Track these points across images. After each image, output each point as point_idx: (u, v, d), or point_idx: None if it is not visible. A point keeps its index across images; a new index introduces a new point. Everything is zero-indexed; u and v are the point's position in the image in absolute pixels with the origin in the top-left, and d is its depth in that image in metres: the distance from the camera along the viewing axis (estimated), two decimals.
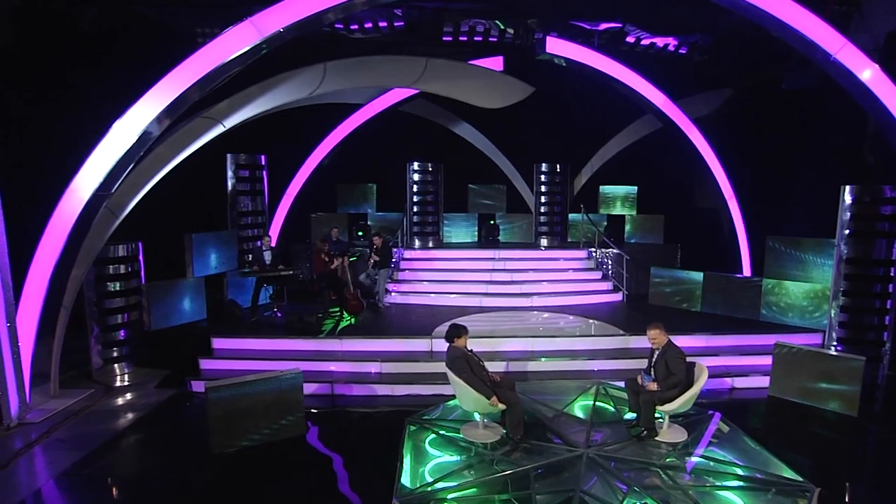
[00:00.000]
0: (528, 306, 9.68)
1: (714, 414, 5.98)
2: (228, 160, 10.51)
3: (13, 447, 5.73)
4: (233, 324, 8.77)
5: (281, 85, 7.65)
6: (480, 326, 8.32)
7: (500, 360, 7.39)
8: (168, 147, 7.30)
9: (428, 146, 12.73)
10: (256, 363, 7.32)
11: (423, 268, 10.92)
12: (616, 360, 7.64)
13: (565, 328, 8.54)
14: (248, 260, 9.85)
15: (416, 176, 12.10)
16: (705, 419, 5.89)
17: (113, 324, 7.77)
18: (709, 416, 5.93)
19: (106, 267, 7.69)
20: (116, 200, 6.94)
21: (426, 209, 12.14)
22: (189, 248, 9.15)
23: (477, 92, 9.07)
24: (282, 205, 12.01)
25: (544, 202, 12.50)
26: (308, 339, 7.86)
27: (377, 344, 7.80)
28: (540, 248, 12.17)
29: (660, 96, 10.85)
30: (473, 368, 5.47)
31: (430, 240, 12.21)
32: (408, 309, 9.53)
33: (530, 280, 10.37)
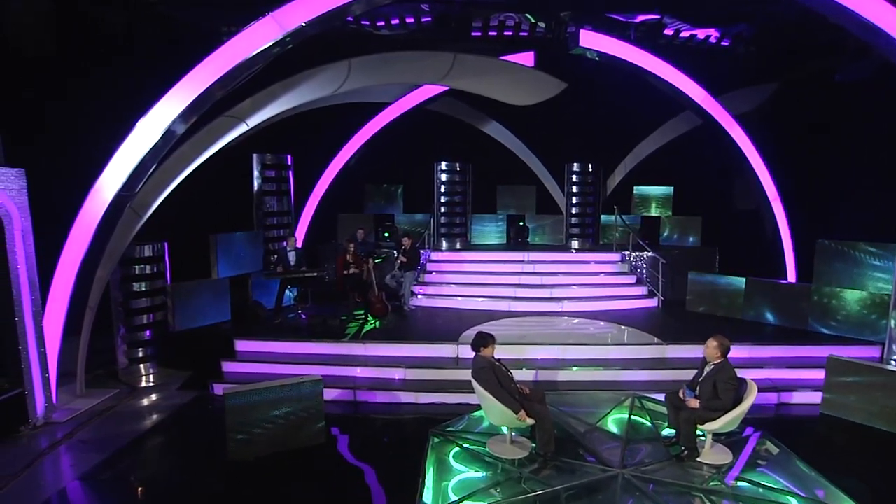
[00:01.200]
0: (558, 311, 9.43)
1: (760, 433, 5.52)
2: (254, 160, 10.45)
3: (37, 447, 5.77)
4: (256, 326, 8.75)
5: (304, 83, 7.54)
6: (508, 332, 8.15)
7: (528, 369, 7.15)
8: (191, 147, 7.28)
9: (456, 146, 12.62)
10: (279, 367, 7.27)
11: (451, 270, 10.79)
12: (652, 370, 7.28)
13: (597, 335, 8.26)
14: (274, 261, 9.80)
15: (444, 176, 12.02)
16: (752, 439, 5.44)
17: (138, 324, 7.80)
18: (756, 436, 5.48)
19: (132, 267, 7.72)
20: (140, 200, 6.94)
21: (454, 210, 12.07)
22: (214, 248, 9.13)
23: (507, 88, 8.83)
24: (308, 205, 11.96)
25: (576, 203, 12.26)
26: (331, 343, 7.76)
27: (402, 349, 7.65)
28: (571, 250, 11.91)
29: (699, 91, 10.32)
30: (501, 380, 5.21)
31: (457, 241, 12.11)
32: (434, 312, 9.41)
33: (561, 284, 10.17)
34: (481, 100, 9.80)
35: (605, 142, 12.89)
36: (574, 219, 12.27)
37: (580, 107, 11.90)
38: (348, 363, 7.34)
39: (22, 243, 5.93)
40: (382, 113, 11.91)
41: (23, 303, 5.96)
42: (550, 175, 13.62)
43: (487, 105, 11.52)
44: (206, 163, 7.93)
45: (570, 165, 12.29)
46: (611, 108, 12.29)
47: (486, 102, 9.98)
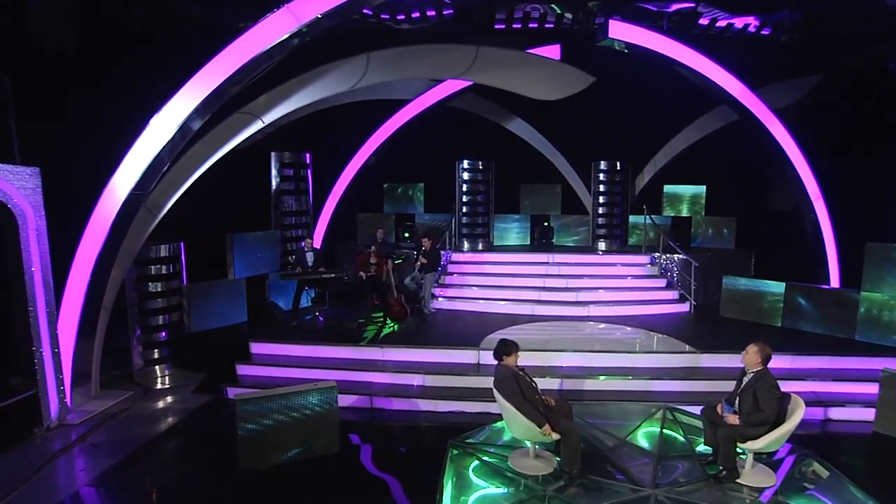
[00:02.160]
0: (584, 316, 9.18)
1: (806, 453, 5.15)
2: (272, 159, 10.40)
3: (50, 450, 5.76)
4: (272, 328, 8.70)
5: (321, 78, 7.41)
6: (532, 337, 7.99)
7: (553, 377, 6.93)
8: (205, 145, 7.21)
9: (478, 143, 12.49)
10: (294, 370, 7.23)
11: (472, 272, 10.63)
12: (684, 380, 6.98)
13: (626, 342, 7.98)
14: (291, 261, 9.77)
15: (466, 175, 11.91)
16: (798, 459, 5.08)
17: (154, 325, 7.82)
18: (802, 456, 5.10)
19: (147, 267, 7.74)
20: (154, 200, 6.91)
21: (476, 210, 11.95)
22: (230, 248, 9.11)
23: (532, 83, 8.60)
24: (327, 205, 11.93)
25: (603, 203, 12.03)
26: (348, 347, 7.66)
27: (420, 354, 7.50)
28: (597, 252, 11.66)
29: (736, 85, 9.87)
30: (524, 391, 4.97)
31: (479, 242, 11.98)
32: (454, 316, 9.26)
33: (587, 287, 9.94)
34: (505, 96, 9.56)
35: (633, 139, 12.58)
36: (601, 219, 12.06)
37: (608, 102, 11.66)
38: (365, 368, 7.25)
39: (36, 243, 5.93)
40: (403, 110, 11.82)
41: (37, 303, 5.96)
42: (576, 174, 13.36)
43: (511, 101, 11.35)
44: (224, 161, 7.89)
45: (596, 163, 12.07)
46: (640, 104, 12.01)
47: (510, 98, 9.71)
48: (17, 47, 7.75)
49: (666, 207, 12.85)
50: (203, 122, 6.55)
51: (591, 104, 10.69)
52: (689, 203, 12.71)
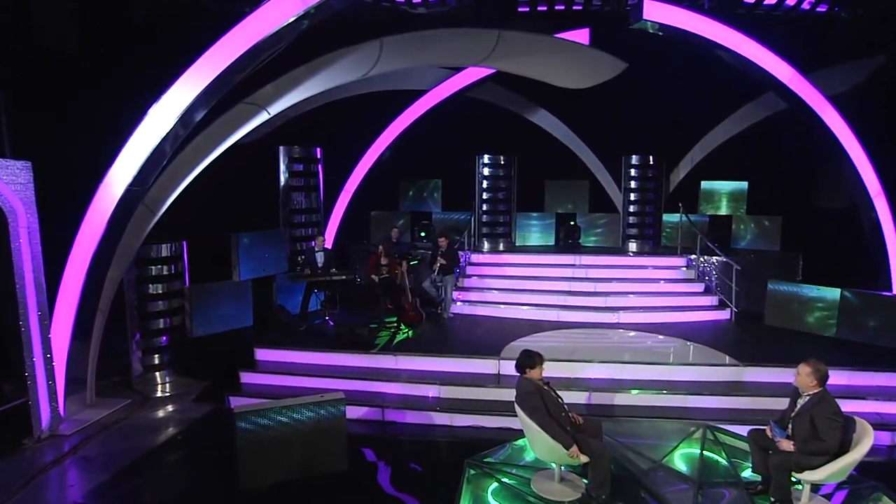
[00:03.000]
0: (613, 323, 8.97)
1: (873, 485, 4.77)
2: (281, 153, 10.26)
3: (39, 462, 5.69)
4: (279, 333, 8.64)
5: (331, 65, 7.27)
6: (557, 345, 7.86)
7: (579, 390, 6.75)
8: (208, 137, 7.11)
9: (500, 137, 12.34)
10: (301, 379, 7.17)
11: (493, 274, 10.50)
12: (726, 396, 6.69)
13: (660, 352, 7.75)
14: (300, 262, 9.68)
15: (487, 170, 11.80)
16: (863, 492, 4.71)
17: (154, 329, 7.76)
18: (869, 489, 4.73)
19: (147, 268, 7.67)
20: (154, 196, 6.84)
21: (497, 207, 11.83)
22: (236, 248, 9.00)
23: (558, 69, 8.33)
24: (339, 202, 11.79)
25: (634, 200, 11.81)
26: (359, 354, 7.57)
27: (436, 363, 7.39)
28: (628, 253, 11.43)
29: (786, 69, 9.40)
30: (550, 407, 4.74)
31: (500, 242, 11.86)
32: (473, 321, 9.14)
33: (617, 291, 9.71)
34: (528, 85, 9.35)
35: (668, 131, 12.28)
36: (632, 218, 11.84)
37: (641, 91, 11.42)
38: (377, 377, 7.16)
39: (28, 242, 5.86)
40: (419, 101, 11.65)
41: (28, 306, 5.88)
42: (605, 169, 13.09)
43: (535, 91, 11.18)
44: (229, 156, 7.80)
45: (627, 158, 11.85)
46: (676, 93, 11.71)
47: (534, 88, 9.51)
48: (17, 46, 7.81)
49: (703, 205, 12.55)
50: (205, 112, 6.46)
51: (622, 93, 10.45)
52: (729, 200, 12.37)
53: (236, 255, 9.07)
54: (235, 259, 9.07)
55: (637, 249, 11.68)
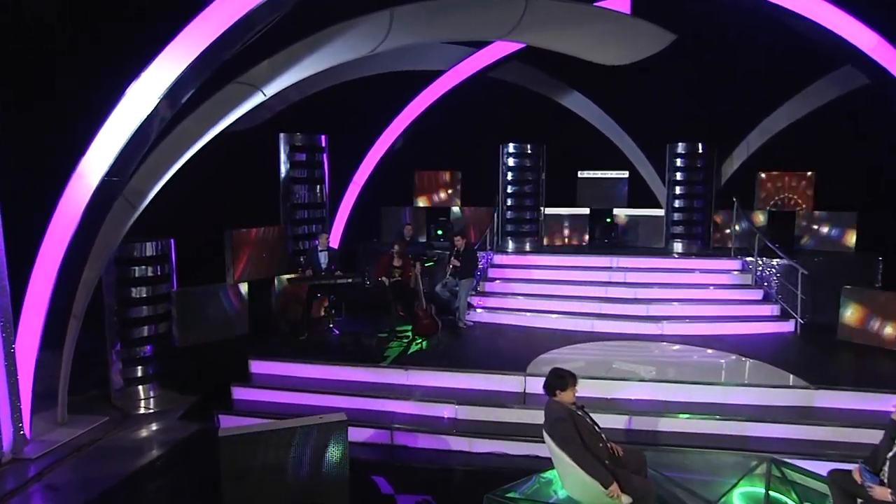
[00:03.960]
0: (657, 334, 8.74)
1: None
2: (281, 141, 10.25)
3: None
4: (277, 342, 8.59)
5: (334, 40, 7.07)
6: (592, 359, 7.76)
7: (618, 413, 6.49)
8: (196, 122, 6.94)
9: (526, 123, 12.38)
10: (300, 396, 7.11)
11: (518, 277, 10.41)
12: (794, 424, 6.31)
13: (712, 370, 7.53)
14: (301, 263, 9.62)
15: (512, 161, 11.80)
16: None
17: (137, 337, 7.68)
18: None
19: (129, 268, 7.57)
20: (135, 187, 6.70)
21: (523, 202, 11.83)
22: (230, 247, 8.99)
23: (595, 43, 8.06)
24: (346, 196, 11.85)
25: (680, 194, 11.66)
26: (366, 368, 7.43)
27: (453, 378, 7.21)
28: (673, 255, 11.27)
29: (870, 37, 8.83)
30: (584, 436, 4.43)
31: (526, 241, 11.87)
32: (495, 331, 9.03)
33: (660, 298, 9.54)
34: (559, 63, 9.36)
35: (721, 115, 12.07)
36: (678, 214, 11.69)
37: (690, 68, 11.23)
38: (386, 395, 7.00)
39: None
40: (436, 83, 11.62)
41: None
42: (647, 159, 12.92)
43: (567, 70, 11.28)
44: (223, 144, 7.74)
45: (672, 146, 11.67)
46: (732, 69, 11.50)
47: (565, 67, 9.57)
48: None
49: (762, 200, 12.22)
50: (192, 93, 6.29)
51: (667, 71, 10.31)
52: (792, 194, 11.99)
53: (231, 254, 9.02)
54: (230, 259, 9.01)
55: (683, 250, 11.52)
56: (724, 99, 11.89)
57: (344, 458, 5.30)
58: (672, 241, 11.67)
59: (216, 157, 7.84)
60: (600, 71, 9.01)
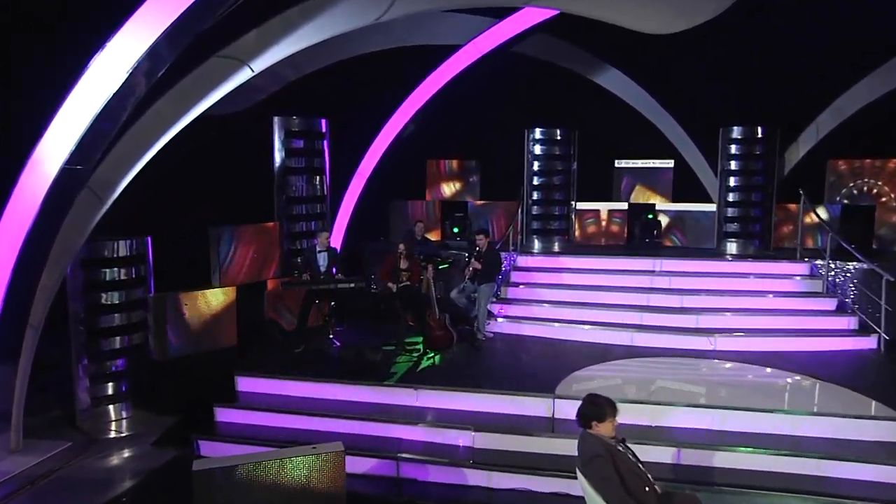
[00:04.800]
0: (708, 350, 8.52)
1: None
2: (276, 126, 10.21)
3: None
4: (268, 356, 8.55)
5: (332, 6, 6.91)
6: (631, 377, 7.69)
7: (664, 444, 6.21)
8: (172, 102, 6.78)
9: (557, 105, 12.39)
10: (293, 419, 7.03)
11: (545, 282, 10.33)
12: (883, 465, 5.92)
13: (776, 393, 7.23)
14: (298, 264, 9.49)
15: (539, 148, 11.73)
16: None
17: (107, 349, 7.57)
18: None
19: (99, 271, 7.47)
20: (103, 178, 6.54)
21: (552, 196, 11.78)
22: (216, 246, 8.98)
23: (637, 8, 7.86)
24: (350, 189, 11.85)
25: (735, 186, 11.46)
26: (369, 387, 7.31)
27: (470, 400, 7.08)
28: (725, 256, 11.12)
29: None
30: (625, 477, 4.20)
31: (555, 241, 11.86)
32: (519, 344, 8.96)
33: (711, 307, 9.32)
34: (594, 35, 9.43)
35: (785, 93, 11.92)
36: (732, 209, 11.50)
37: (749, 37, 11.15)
38: (392, 418, 6.87)
39: None
40: (452, 59, 11.48)
41: None
42: (696, 145, 12.72)
43: (603, 43, 11.28)
44: (208, 129, 7.78)
45: (727, 130, 11.44)
46: (800, 38, 11.25)
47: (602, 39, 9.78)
48: None
49: (834, 192, 12.01)
50: (167, 66, 6.08)
51: (723, 42, 10.51)
52: (872, 186, 11.76)
53: (217, 255, 9.01)
54: (215, 260, 9.01)
55: (738, 251, 11.36)
56: (790, 74, 11.73)
57: (341, 495, 5.26)
58: (725, 240, 11.53)
59: (201, 144, 7.92)
60: (643, 43, 9.14)
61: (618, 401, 4.54)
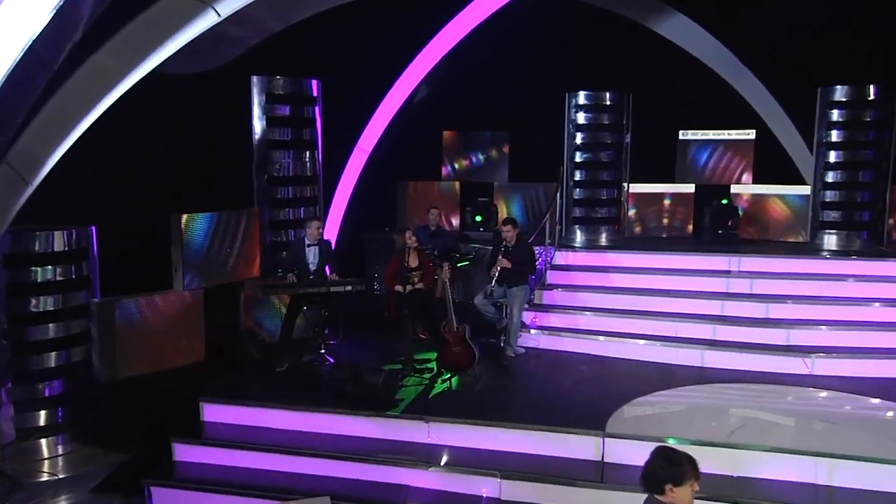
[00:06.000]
0: (803, 374, 8.32)
1: None
2: (255, 88, 10.14)
3: None
4: (243, 376, 8.59)
5: None
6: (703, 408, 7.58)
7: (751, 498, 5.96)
8: (115, 54, 6.49)
9: (604, 63, 12.24)
10: (272, 459, 6.92)
11: (590, 284, 10.28)
12: None
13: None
14: (282, 261, 9.69)
15: (583, 117, 11.56)
16: None
17: (39, 368, 7.42)
18: None
19: (27, 270, 7.30)
20: (26, 151, 6.32)
21: (598, 177, 11.66)
22: (178, 239, 8.94)
23: None
24: (348, 167, 11.95)
25: (837, 162, 11.20)
26: (369, 418, 7.19)
27: (495, 437, 6.92)
28: (823, 254, 10.90)
29: None
30: None
31: (602, 232, 11.72)
32: (558, 364, 8.92)
33: (806, 319, 9.12)
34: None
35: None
36: (832, 193, 11.29)
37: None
38: (397, 459, 6.75)
39: None
40: (470, 6, 11.65)
41: None
42: (785, 112, 12.40)
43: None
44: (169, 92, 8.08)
45: (827, 91, 11.17)
46: None
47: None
48: None
49: None
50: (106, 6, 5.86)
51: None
52: None
53: (179, 249, 9.00)
54: (178, 256, 9.00)
55: (840, 246, 11.13)
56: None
57: None
58: (822, 232, 11.37)
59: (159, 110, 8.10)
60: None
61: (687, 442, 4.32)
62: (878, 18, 11.25)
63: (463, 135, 13.17)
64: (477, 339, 8.43)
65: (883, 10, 11.15)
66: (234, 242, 9.67)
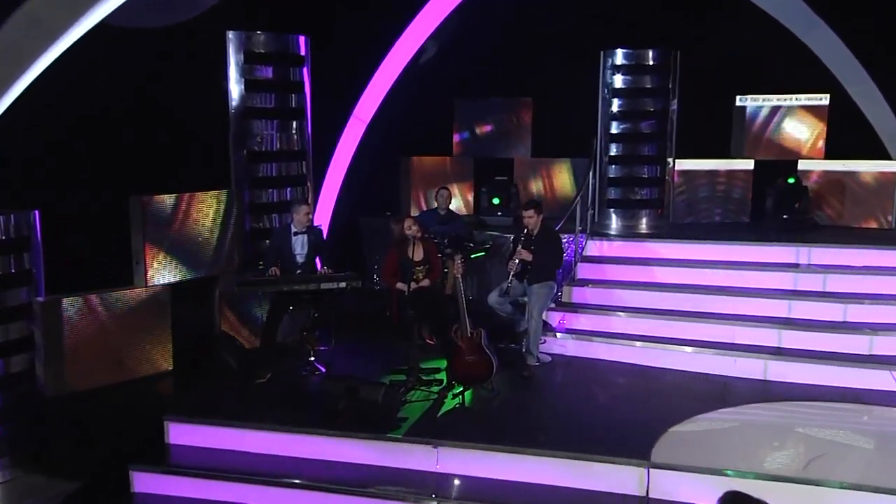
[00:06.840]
0: (890, 391, 8.09)
1: None
2: (230, 45, 10.07)
3: None
4: (219, 389, 8.58)
5: None
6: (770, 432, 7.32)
7: None
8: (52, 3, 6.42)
9: (647, 15, 12.30)
10: (250, 490, 6.82)
11: (628, 279, 10.30)
12: None
13: None
14: (263, 252, 9.73)
15: (621, 80, 11.58)
16: None
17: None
18: None
19: None
20: None
21: (639, 151, 11.67)
22: (140, 226, 8.93)
23: None
24: (342, 141, 12.06)
25: None
26: (366, 441, 7.11)
27: (516, 465, 6.79)
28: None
29: None
30: None
31: (643, 217, 11.78)
32: (591, 374, 8.88)
33: (889, 324, 8.90)
34: None
35: None
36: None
37: None
38: (398, 492, 6.58)
39: None
40: None
41: None
42: (867, 73, 12.34)
43: None
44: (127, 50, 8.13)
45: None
46: None
47: None
48: None
49: None
50: None
51: None
52: None
53: (141, 238, 9.02)
54: (139, 246, 9.02)
55: None
56: None
57: None
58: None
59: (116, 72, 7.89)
60: None
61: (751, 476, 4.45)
62: None
63: (478, 102, 13.25)
64: (495, 345, 8.34)
65: None
66: (207, 230, 9.70)
